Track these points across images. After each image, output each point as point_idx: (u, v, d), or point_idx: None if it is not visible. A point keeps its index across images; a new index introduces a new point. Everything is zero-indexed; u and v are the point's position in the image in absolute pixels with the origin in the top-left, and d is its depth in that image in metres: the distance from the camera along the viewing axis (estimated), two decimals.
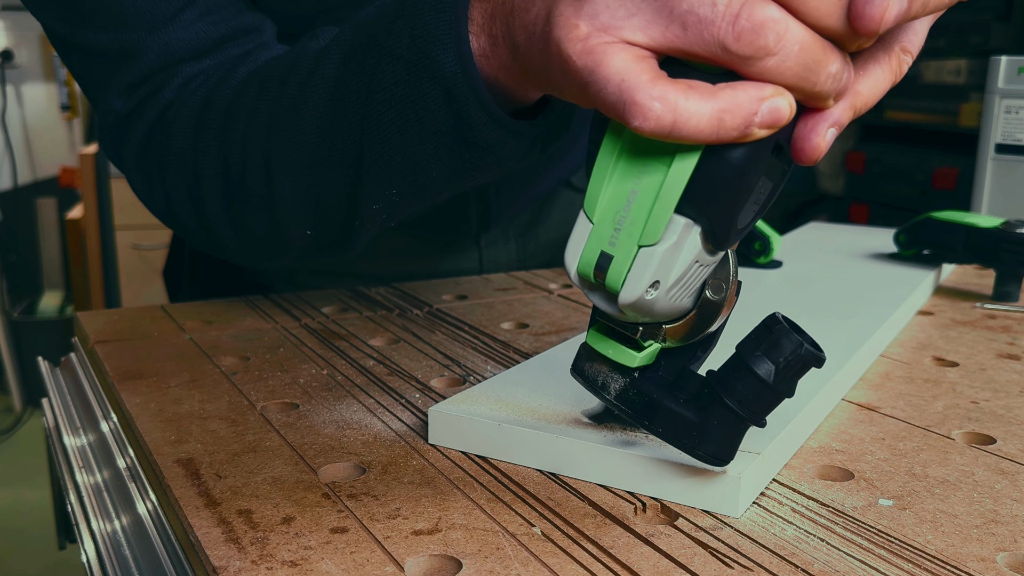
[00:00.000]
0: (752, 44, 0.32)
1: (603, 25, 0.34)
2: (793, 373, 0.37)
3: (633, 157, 0.35)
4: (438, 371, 0.58)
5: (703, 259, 0.37)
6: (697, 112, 0.32)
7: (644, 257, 0.35)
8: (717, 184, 0.34)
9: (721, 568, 0.35)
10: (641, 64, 0.33)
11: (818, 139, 0.35)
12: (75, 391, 0.66)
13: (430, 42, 0.45)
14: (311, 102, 0.52)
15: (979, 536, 0.38)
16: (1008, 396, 0.55)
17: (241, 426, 0.49)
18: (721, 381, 0.37)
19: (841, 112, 0.35)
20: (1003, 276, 0.77)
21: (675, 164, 0.34)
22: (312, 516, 0.39)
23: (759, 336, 0.37)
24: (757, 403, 0.37)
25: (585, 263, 0.37)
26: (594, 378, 0.41)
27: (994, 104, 1.12)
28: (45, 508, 0.92)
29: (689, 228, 0.35)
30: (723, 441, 0.38)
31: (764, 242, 0.79)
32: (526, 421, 0.44)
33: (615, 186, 0.36)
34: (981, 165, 1.13)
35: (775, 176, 0.36)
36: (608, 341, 0.40)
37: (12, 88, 3.17)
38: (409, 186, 0.51)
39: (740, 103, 0.33)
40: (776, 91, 0.33)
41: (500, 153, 0.48)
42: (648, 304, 0.36)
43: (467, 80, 0.44)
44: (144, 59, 0.59)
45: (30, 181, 3.25)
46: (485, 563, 0.35)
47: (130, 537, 0.47)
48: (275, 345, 0.63)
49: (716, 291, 0.39)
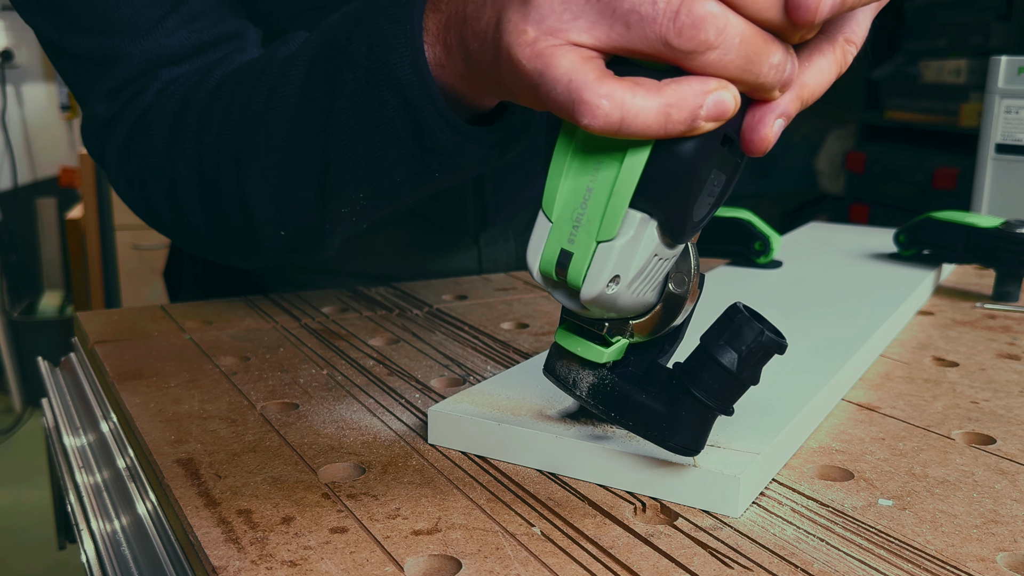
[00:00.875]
0: (693, 39, 0.33)
1: (550, 29, 0.35)
2: (756, 360, 0.37)
3: (586, 155, 0.36)
4: (438, 371, 0.58)
5: (662, 252, 0.38)
6: (644, 108, 0.33)
7: (603, 252, 0.36)
8: (669, 178, 0.35)
9: (721, 568, 0.35)
10: (588, 64, 0.34)
11: (766, 130, 0.36)
12: (75, 391, 0.66)
13: (387, 51, 0.46)
14: (279, 107, 0.53)
15: (979, 536, 0.38)
16: (1008, 396, 0.55)
17: (241, 426, 0.49)
18: (687, 372, 0.38)
19: (788, 103, 0.36)
20: (1003, 276, 0.77)
21: (627, 160, 0.35)
22: (312, 516, 0.39)
23: (721, 326, 0.38)
24: (723, 392, 0.38)
25: (546, 261, 0.37)
26: (565, 376, 0.42)
27: (994, 104, 1.12)
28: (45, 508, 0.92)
29: (646, 222, 0.36)
30: (692, 432, 0.39)
31: (764, 242, 0.79)
32: (526, 421, 0.44)
33: (571, 184, 0.36)
34: (981, 165, 1.13)
35: (728, 169, 0.37)
36: (576, 339, 0.41)
37: (12, 88, 3.17)
38: (375, 190, 0.52)
39: (685, 97, 0.33)
40: (720, 84, 0.34)
41: (459, 158, 0.49)
42: (610, 299, 0.37)
43: (423, 88, 0.45)
44: (126, 65, 0.60)
45: (30, 181, 3.25)
46: (485, 563, 0.35)
47: (130, 537, 0.47)
48: (275, 345, 0.63)
49: (679, 284, 0.40)
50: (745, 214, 0.81)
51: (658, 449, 0.41)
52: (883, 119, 2.56)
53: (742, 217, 0.80)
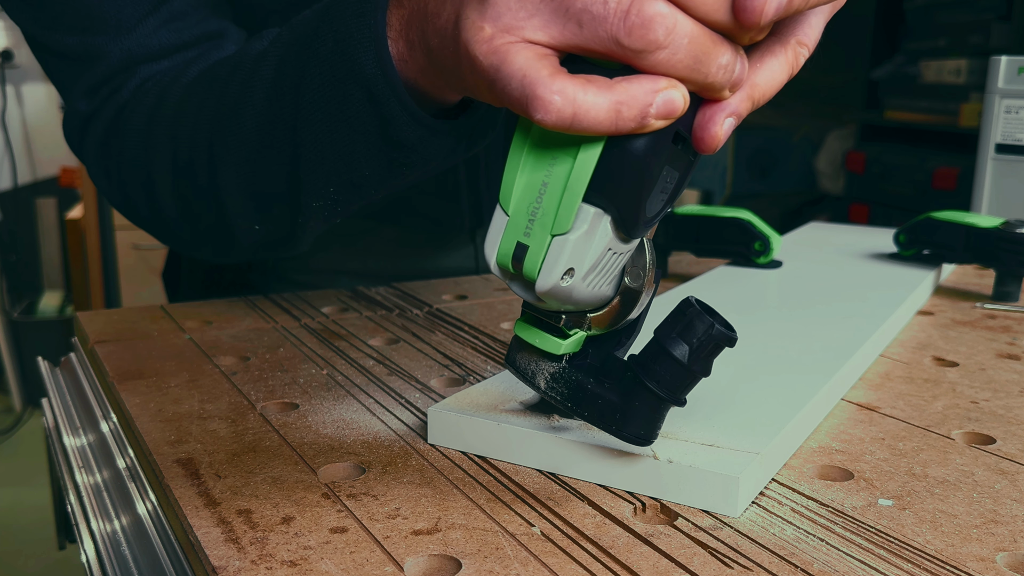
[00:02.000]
0: (643, 38, 0.34)
1: (506, 26, 0.36)
2: (707, 353, 0.38)
3: (541, 151, 0.37)
4: (438, 371, 0.58)
5: (617, 247, 0.38)
6: (595, 104, 0.34)
7: (557, 246, 0.37)
8: (621, 173, 0.36)
9: (721, 568, 0.35)
10: (542, 61, 0.35)
11: (716, 128, 0.37)
12: (75, 391, 0.66)
13: (352, 46, 0.47)
14: (251, 102, 0.54)
15: (979, 536, 0.38)
16: (1008, 396, 0.55)
17: (241, 426, 0.49)
18: (641, 364, 0.39)
19: (739, 103, 0.37)
20: (1003, 276, 0.77)
21: (580, 155, 0.36)
22: (312, 516, 0.39)
23: (674, 320, 0.39)
24: (675, 383, 0.39)
25: (503, 254, 0.38)
26: (525, 368, 0.43)
27: (994, 104, 1.12)
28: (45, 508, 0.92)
29: (599, 217, 0.37)
30: (646, 422, 0.40)
31: (764, 242, 0.79)
32: (526, 421, 0.44)
33: (527, 179, 0.37)
34: (981, 165, 1.13)
35: (680, 166, 0.38)
36: (535, 331, 0.42)
37: (12, 88, 3.17)
38: (345, 184, 0.54)
39: (635, 95, 0.34)
40: (670, 83, 0.35)
41: (424, 151, 0.50)
42: (565, 291, 0.38)
43: (387, 82, 0.47)
44: (106, 62, 0.61)
45: (30, 181, 3.25)
46: (485, 563, 0.35)
47: (130, 537, 0.47)
48: (275, 345, 0.63)
49: (634, 279, 0.41)
50: (745, 214, 0.81)
51: (659, 449, 0.41)
52: (883, 119, 2.56)
53: (742, 217, 0.80)
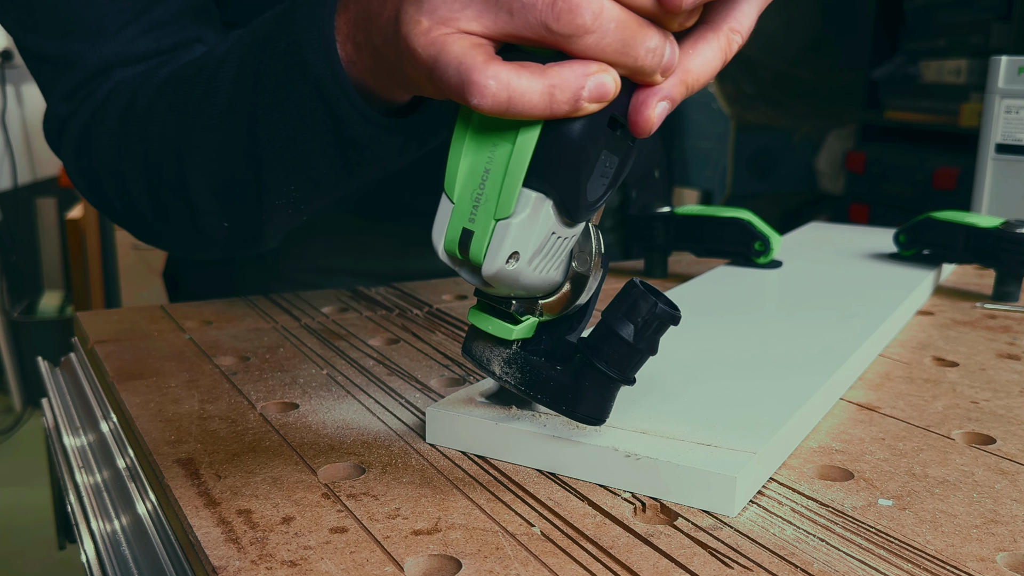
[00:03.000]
0: (571, 23, 0.35)
1: (442, 18, 0.37)
2: (652, 331, 0.40)
3: (482, 138, 0.38)
4: (438, 371, 0.58)
5: (561, 231, 0.39)
6: (529, 88, 0.35)
7: (500, 230, 0.38)
8: (559, 157, 0.37)
9: (721, 568, 0.35)
10: (477, 49, 0.37)
11: (649, 112, 0.38)
12: (75, 391, 0.66)
13: (303, 48, 0.49)
14: (214, 102, 0.55)
15: (979, 536, 0.38)
16: (1008, 396, 0.55)
17: (241, 426, 0.49)
18: (590, 346, 0.41)
19: (672, 88, 0.38)
20: (1003, 276, 0.77)
21: (518, 140, 0.37)
22: (312, 516, 0.39)
23: (620, 301, 0.40)
24: (623, 362, 0.40)
25: (450, 241, 0.39)
26: (480, 355, 0.44)
27: (994, 104, 1.12)
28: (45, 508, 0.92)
29: (541, 201, 0.38)
30: (596, 402, 0.41)
31: (764, 242, 0.79)
32: (525, 421, 0.44)
33: (469, 166, 0.38)
34: (981, 165, 1.13)
35: (619, 151, 0.39)
36: (487, 317, 0.43)
37: (12, 88, 3.17)
38: (304, 182, 0.55)
39: (567, 79, 0.36)
40: (601, 68, 0.36)
41: (377, 150, 0.52)
42: (512, 275, 0.39)
43: (336, 82, 0.48)
44: (83, 68, 0.62)
45: (30, 181, 3.25)
46: (485, 563, 0.35)
47: (130, 537, 0.47)
48: (275, 345, 0.63)
49: (582, 264, 0.42)
50: (745, 214, 0.81)
51: (656, 450, 0.41)
52: (883, 119, 2.56)
53: (742, 217, 0.80)
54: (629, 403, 0.47)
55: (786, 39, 2.87)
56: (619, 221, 0.98)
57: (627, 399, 0.47)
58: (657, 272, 0.85)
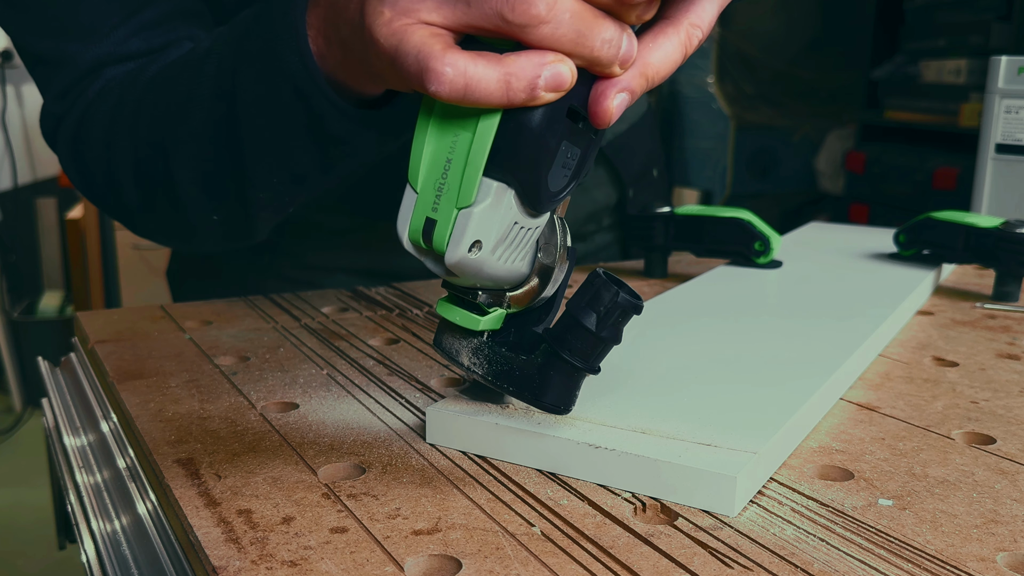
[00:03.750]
0: (525, 13, 0.36)
1: (403, 9, 0.39)
2: (615, 320, 0.41)
3: (444, 128, 0.39)
4: (438, 371, 0.58)
5: (524, 221, 0.40)
6: (485, 76, 0.36)
7: (463, 219, 0.38)
8: (518, 147, 0.38)
9: (721, 568, 0.35)
10: (436, 38, 0.38)
11: (607, 103, 0.39)
12: (75, 391, 0.66)
13: (279, 45, 0.50)
14: (198, 99, 0.56)
15: (979, 536, 0.38)
16: (1008, 396, 0.55)
17: (241, 426, 0.49)
18: (555, 336, 0.42)
19: (631, 79, 0.39)
20: (1003, 276, 0.77)
21: (478, 129, 0.38)
22: (312, 516, 0.39)
23: (583, 291, 0.41)
24: (587, 351, 0.41)
25: (413, 230, 0.40)
26: (449, 348, 0.44)
27: (994, 104, 1.12)
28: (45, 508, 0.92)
29: (503, 191, 0.39)
30: (562, 391, 0.42)
31: (764, 242, 0.79)
32: (525, 421, 0.44)
33: (432, 156, 0.39)
34: (981, 165, 1.13)
35: (581, 143, 0.40)
36: (455, 309, 0.43)
37: (12, 88, 3.17)
38: (287, 176, 0.57)
39: (524, 68, 0.37)
40: (557, 58, 0.37)
41: (355, 143, 0.53)
42: (475, 264, 0.39)
43: (310, 77, 0.49)
44: (76, 67, 0.64)
45: (30, 181, 3.25)
46: (485, 563, 0.35)
47: (130, 537, 0.47)
48: (275, 345, 0.63)
49: (547, 256, 0.43)
50: (745, 214, 0.81)
51: (656, 450, 0.41)
52: (883, 119, 2.56)
53: (742, 217, 0.80)
54: (629, 403, 0.47)
55: (786, 39, 2.87)
56: (617, 220, 0.98)
57: (627, 399, 0.47)
58: (657, 272, 0.86)
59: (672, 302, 0.68)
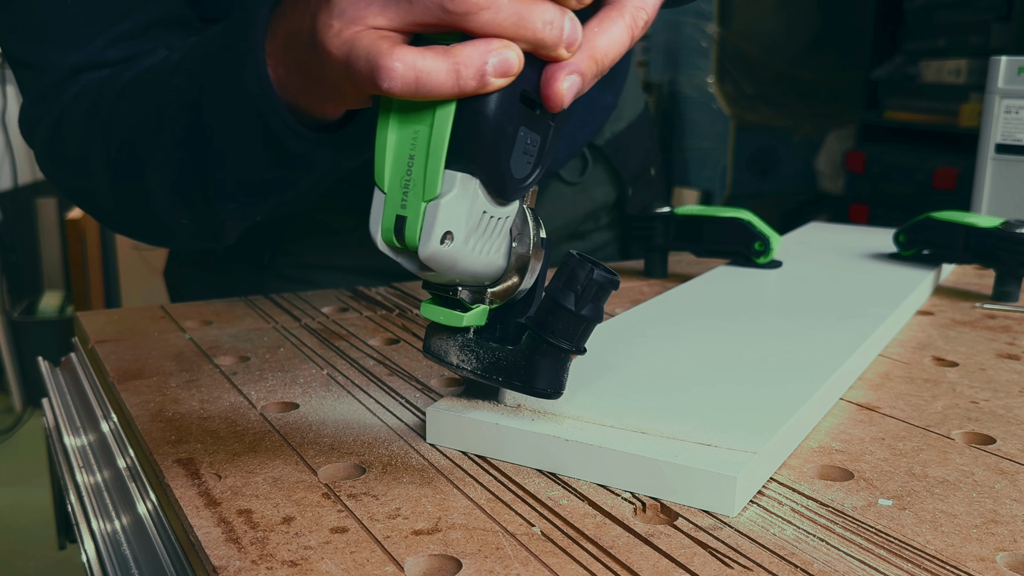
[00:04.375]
0: (464, 2, 0.37)
1: (350, 18, 0.40)
2: (593, 297, 0.42)
3: (402, 125, 0.40)
4: (438, 371, 0.58)
5: (494, 211, 0.41)
6: (435, 68, 0.37)
7: (431, 211, 0.39)
8: (475, 135, 0.39)
9: (721, 568, 0.35)
10: (384, 40, 0.39)
11: (557, 85, 0.40)
12: (75, 391, 0.66)
13: (240, 70, 0.52)
14: (167, 111, 0.58)
15: (979, 536, 0.38)
16: (1008, 396, 0.55)
17: (241, 426, 0.49)
18: (537, 321, 0.43)
19: (579, 62, 0.40)
20: (1003, 276, 0.77)
21: (435, 120, 0.39)
22: (312, 516, 0.39)
23: (559, 274, 0.42)
24: (569, 331, 0.42)
25: (386, 230, 0.41)
26: (437, 349, 0.45)
27: (994, 104, 1.12)
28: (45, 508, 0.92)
29: (468, 180, 0.39)
30: (550, 375, 0.43)
31: (764, 242, 0.79)
32: (525, 421, 0.45)
33: (394, 154, 0.40)
34: (981, 165, 1.13)
35: (539, 129, 0.41)
36: (439, 309, 0.44)
37: (12, 88, 3.17)
38: (251, 188, 0.59)
39: (471, 56, 0.38)
40: (502, 44, 0.38)
41: (311, 161, 0.55)
42: (449, 256, 0.40)
43: (267, 100, 0.51)
44: (54, 73, 0.66)
45: (30, 181, 3.24)
46: (485, 563, 0.35)
47: (130, 537, 0.47)
48: (275, 345, 0.63)
49: (521, 246, 0.44)
50: (745, 214, 0.81)
51: (657, 450, 0.41)
52: (883, 119, 2.56)
53: (742, 217, 0.80)
54: (629, 403, 0.47)
55: (786, 39, 2.88)
56: (616, 219, 0.98)
57: (627, 399, 0.47)
58: (657, 272, 0.86)
59: (672, 302, 0.68)
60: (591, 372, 0.51)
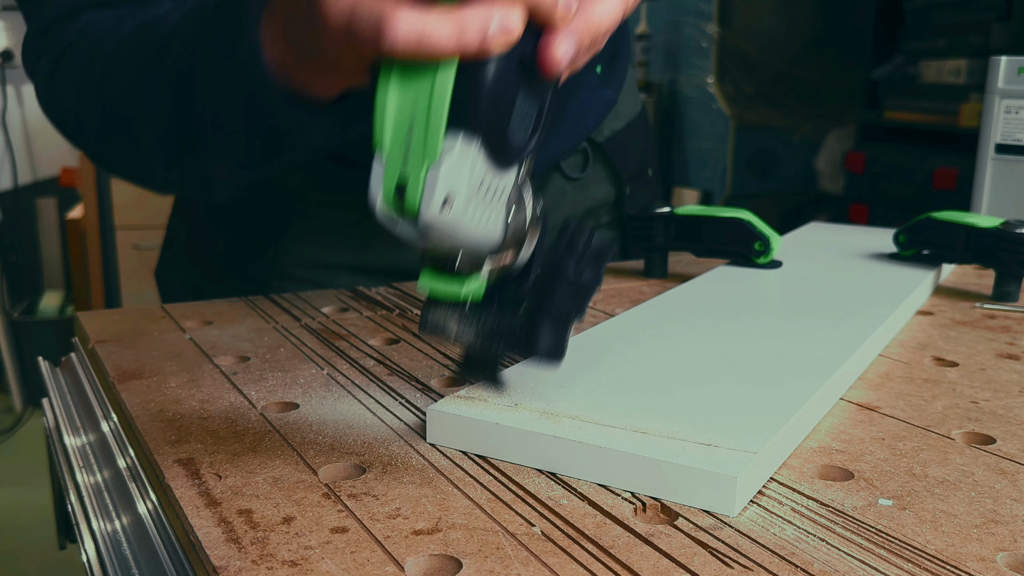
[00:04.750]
0: None
1: None
2: (591, 263, 0.43)
3: (403, 88, 0.40)
4: (438, 371, 0.58)
5: (493, 176, 0.41)
6: (438, 28, 0.38)
7: (432, 174, 0.39)
8: (476, 97, 0.39)
9: (721, 568, 0.35)
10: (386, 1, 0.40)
11: (553, 51, 0.41)
12: (75, 391, 0.66)
13: (235, 42, 0.52)
14: (161, 73, 0.59)
15: (979, 536, 0.38)
16: (1008, 396, 0.55)
17: (241, 426, 0.49)
18: (538, 288, 0.43)
19: (575, 30, 0.41)
20: (1003, 276, 0.77)
21: (436, 82, 0.39)
22: (312, 516, 0.39)
23: (558, 241, 0.43)
24: (570, 297, 0.43)
25: (387, 196, 0.40)
26: (435, 322, 0.45)
27: (994, 104, 1.12)
28: (45, 508, 0.92)
29: (468, 144, 0.39)
30: (551, 341, 0.43)
31: (764, 242, 0.79)
32: (525, 421, 0.45)
33: (394, 121, 0.40)
34: (981, 165, 1.13)
35: (536, 97, 0.42)
36: (437, 279, 0.44)
37: (12, 88, 3.17)
38: (243, 156, 0.59)
39: (475, 17, 0.38)
40: (505, 6, 0.39)
41: (303, 133, 0.56)
42: (449, 223, 0.40)
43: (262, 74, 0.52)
44: (56, 6, 0.67)
45: (30, 181, 3.25)
46: (485, 563, 0.35)
47: (130, 537, 0.47)
48: (275, 345, 0.63)
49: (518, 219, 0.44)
50: (745, 214, 0.81)
51: (657, 450, 0.41)
52: (883, 119, 2.56)
53: (742, 217, 0.80)
54: (629, 403, 0.47)
55: (786, 39, 2.87)
56: (615, 217, 0.98)
57: (627, 399, 0.47)
58: (657, 272, 0.86)
59: (672, 302, 0.68)
60: (592, 372, 0.51)
